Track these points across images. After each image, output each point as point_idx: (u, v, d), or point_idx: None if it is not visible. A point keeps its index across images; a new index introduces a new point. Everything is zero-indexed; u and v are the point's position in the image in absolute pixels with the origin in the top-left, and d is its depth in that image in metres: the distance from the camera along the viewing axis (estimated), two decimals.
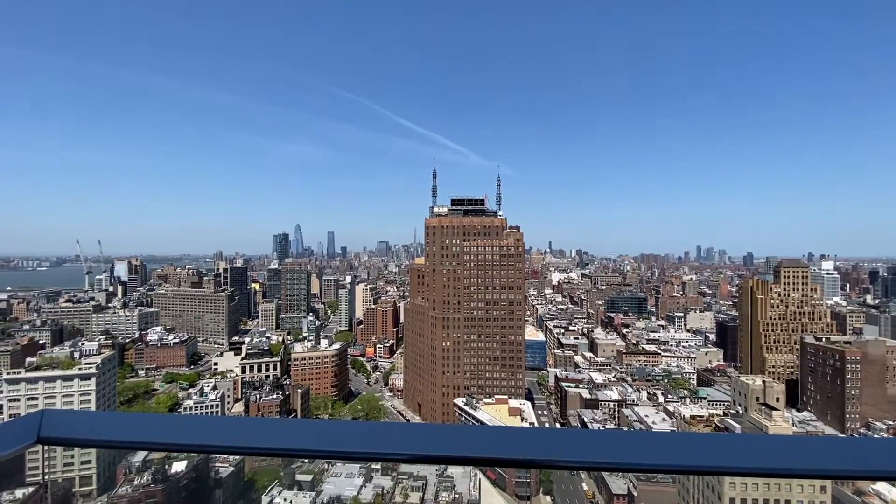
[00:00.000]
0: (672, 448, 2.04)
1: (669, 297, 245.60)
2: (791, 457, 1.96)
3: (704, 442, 2.08)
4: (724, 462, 1.96)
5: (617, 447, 2.09)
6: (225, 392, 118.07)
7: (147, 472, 24.72)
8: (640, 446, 2.10)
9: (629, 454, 2.01)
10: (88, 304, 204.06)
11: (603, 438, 2.13)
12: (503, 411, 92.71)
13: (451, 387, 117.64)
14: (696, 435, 2.17)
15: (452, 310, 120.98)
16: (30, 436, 2.22)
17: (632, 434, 2.24)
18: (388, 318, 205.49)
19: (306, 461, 9.90)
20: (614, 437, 2.15)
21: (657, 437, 2.12)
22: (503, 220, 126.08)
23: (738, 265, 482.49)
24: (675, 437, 2.08)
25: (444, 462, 2.03)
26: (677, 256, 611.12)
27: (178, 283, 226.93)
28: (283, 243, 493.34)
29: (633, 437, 2.19)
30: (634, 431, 2.40)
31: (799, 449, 2.03)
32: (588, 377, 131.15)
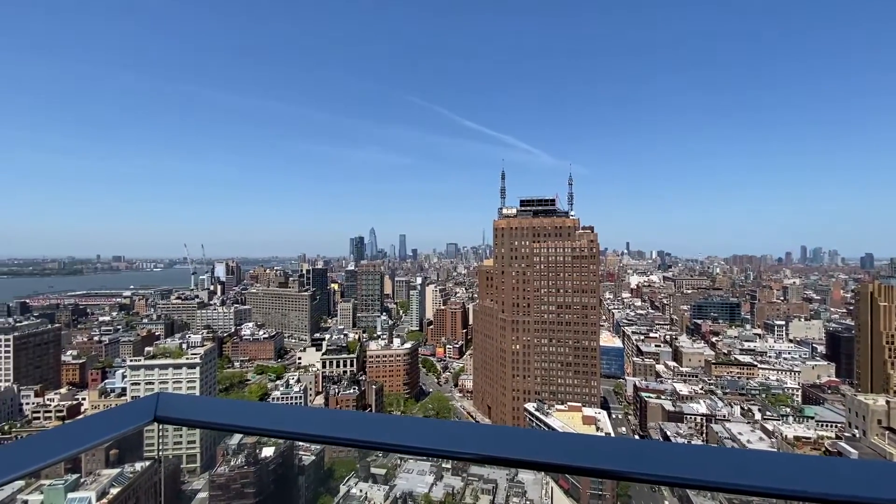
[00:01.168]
0: (774, 469, 1.77)
1: (767, 302, 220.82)
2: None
3: (814, 466, 1.78)
4: (839, 489, 1.63)
5: (707, 463, 1.85)
6: (307, 385, 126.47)
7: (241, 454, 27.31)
8: (735, 464, 1.86)
9: (722, 472, 1.78)
10: (194, 301, 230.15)
11: (690, 453, 1.94)
12: (576, 419, 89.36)
13: (522, 391, 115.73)
14: (803, 457, 1.88)
15: (522, 312, 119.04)
16: (148, 414, 2.51)
17: (725, 451, 1.99)
18: (458, 319, 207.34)
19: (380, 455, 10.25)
20: (704, 453, 1.94)
21: (756, 456, 1.86)
22: (576, 220, 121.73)
23: (854, 267, 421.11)
24: (778, 458, 1.81)
25: (515, 465, 1.95)
26: (777, 258, 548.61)
27: (268, 283, 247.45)
28: (359, 246, 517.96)
29: (726, 455, 1.98)
30: (728, 448, 2.14)
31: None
32: (671, 388, 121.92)
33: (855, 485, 1.66)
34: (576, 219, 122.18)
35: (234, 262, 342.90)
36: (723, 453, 1.98)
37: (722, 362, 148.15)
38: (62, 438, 2.22)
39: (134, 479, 9.54)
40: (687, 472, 1.81)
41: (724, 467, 1.84)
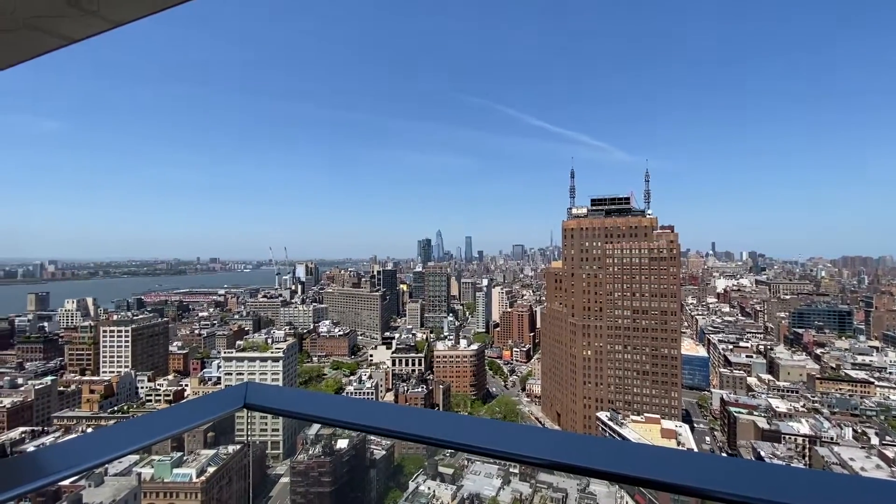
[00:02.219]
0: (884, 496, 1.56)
1: (887, 311, 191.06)
2: None
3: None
4: None
5: (804, 486, 1.64)
6: (379, 381, 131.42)
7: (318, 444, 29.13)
8: (842, 491, 1.65)
9: (829, 498, 1.58)
10: (277, 299, 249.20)
11: (791, 476, 1.74)
12: (654, 432, 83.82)
13: (593, 399, 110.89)
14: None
15: (594, 317, 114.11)
16: (238, 401, 2.76)
17: (830, 476, 1.75)
18: (525, 322, 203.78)
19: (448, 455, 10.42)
20: (810, 478, 1.74)
21: (871, 484, 1.63)
22: (653, 219, 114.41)
23: None
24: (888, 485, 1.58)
25: (587, 474, 1.84)
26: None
27: (342, 283, 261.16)
28: (426, 248, 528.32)
29: (831, 480, 1.73)
30: (825, 472, 1.88)
31: None
32: (766, 403, 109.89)
33: None
34: (653, 218, 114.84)
35: (312, 264, 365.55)
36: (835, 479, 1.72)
37: (829, 377, 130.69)
38: (169, 419, 2.52)
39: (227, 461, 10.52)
40: (790, 497, 1.58)
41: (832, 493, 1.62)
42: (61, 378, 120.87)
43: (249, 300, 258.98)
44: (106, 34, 2.12)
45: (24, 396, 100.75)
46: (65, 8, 1.88)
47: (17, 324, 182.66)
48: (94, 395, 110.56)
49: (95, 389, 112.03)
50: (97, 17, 1.96)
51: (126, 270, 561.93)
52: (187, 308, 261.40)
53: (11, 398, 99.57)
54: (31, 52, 2.26)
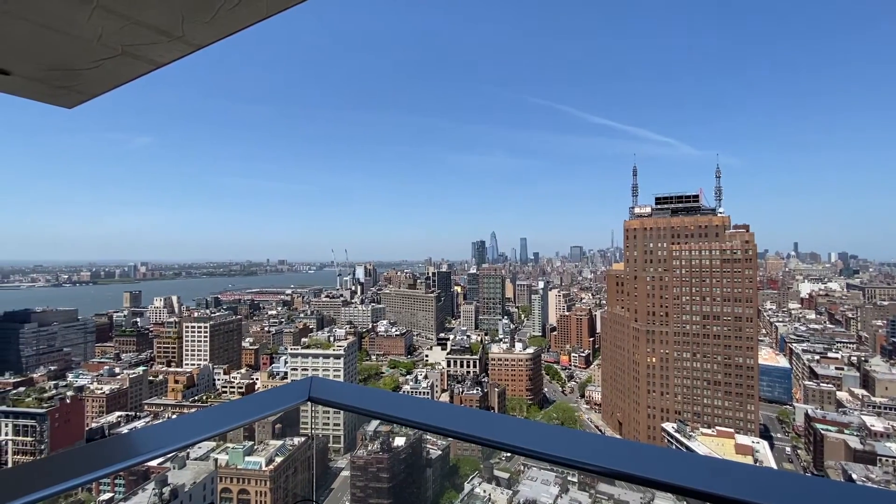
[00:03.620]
0: None
1: None
2: None
3: None
4: None
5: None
6: (434, 382, 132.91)
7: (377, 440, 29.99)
8: None
9: None
10: (339, 299, 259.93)
11: (870, 496, 1.60)
12: (728, 447, 77.73)
13: (658, 409, 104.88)
14: None
15: (659, 322, 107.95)
16: (303, 394, 2.92)
17: None
18: (584, 326, 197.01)
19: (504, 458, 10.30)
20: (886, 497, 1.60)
21: None
22: (725, 218, 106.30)
23: None
24: None
25: (652, 486, 1.69)
26: None
27: (399, 284, 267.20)
28: (480, 249, 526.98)
29: None
30: None
31: None
32: (859, 421, 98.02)
33: None
34: (725, 216, 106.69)
35: (371, 265, 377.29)
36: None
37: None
38: (241, 409, 2.69)
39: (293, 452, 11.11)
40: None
41: None
42: (151, 369, 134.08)
43: (313, 300, 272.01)
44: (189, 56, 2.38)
45: (120, 384, 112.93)
46: (155, 35, 2.15)
47: (114, 319, 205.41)
48: (178, 385, 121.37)
49: (179, 380, 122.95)
50: (182, 42, 2.21)
51: (205, 271, 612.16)
52: (258, 306, 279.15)
53: (110, 385, 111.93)
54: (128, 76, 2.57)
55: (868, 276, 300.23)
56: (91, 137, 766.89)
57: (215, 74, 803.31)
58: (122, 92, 2.78)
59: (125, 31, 2.08)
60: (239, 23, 2.07)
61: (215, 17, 1.99)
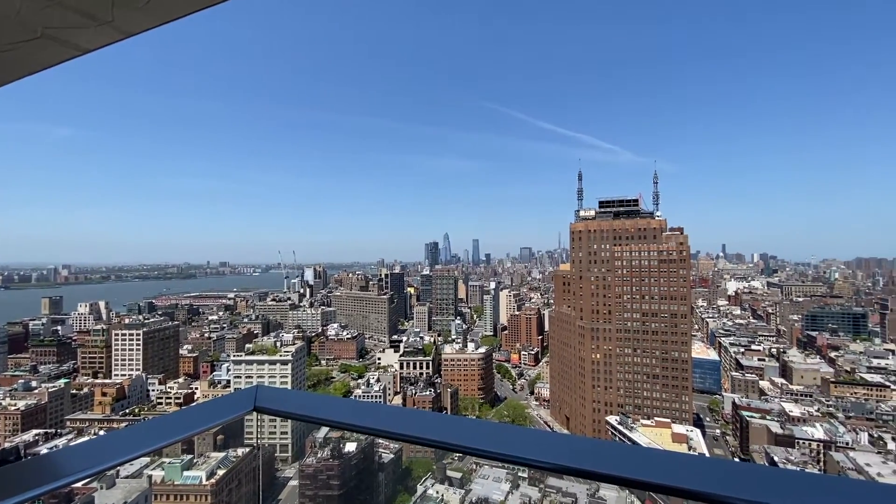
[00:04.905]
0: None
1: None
2: None
3: None
4: None
5: (831, 495, 1.63)
6: (386, 385, 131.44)
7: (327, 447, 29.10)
8: (855, 496, 1.62)
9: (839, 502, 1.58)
10: (286, 302, 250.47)
11: (809, 482, 1.72)
12: (665, 436, 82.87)
13: (603, 403, 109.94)
14: None
15: (602, 320, 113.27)
16: (248, 404, 2.77)
17: (846, 481, 1.72)
18: (533, 325, 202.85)
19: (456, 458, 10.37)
20: (821, 482, 1.71)
21: (880, 488, 1.63)
22: (662, 221, 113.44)
23: None
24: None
25: (596, 479, 1.83)
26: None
27: (350, 286, 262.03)
28: (434, 251, 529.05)
29: (848, 485, 1.69)
30: (844, 478, 1.85)
31: None
32: (779, 408, 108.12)
33: None
34: (662, 220, 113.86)
35: (321, 267, 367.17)
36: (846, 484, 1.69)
37: (844, 381, 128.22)
38: (179, 422, 2.52)
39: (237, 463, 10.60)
40: (797, 500, 1.58)
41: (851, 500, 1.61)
42: (74, 381, 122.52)
43: (258, 303, 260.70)
44: (121, 43, 2.20)
45: (37, 399, 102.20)
46: (82, 19, 1.93)
47: (31, 327, 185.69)
48: (106, 398, 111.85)
49: (107, 392, 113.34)
50: (111, 28, 2.01)
51: (137, 274, 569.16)
52: (197, 311, 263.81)
53: (26, 401, 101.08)
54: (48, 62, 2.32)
55: (785, 274, 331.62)
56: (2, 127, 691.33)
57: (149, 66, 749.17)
58: (41, 78, 2.44)
59: (47, 11, 1.87)
60: (175, 11, 1.91)
61: (149, 3, 1.83)
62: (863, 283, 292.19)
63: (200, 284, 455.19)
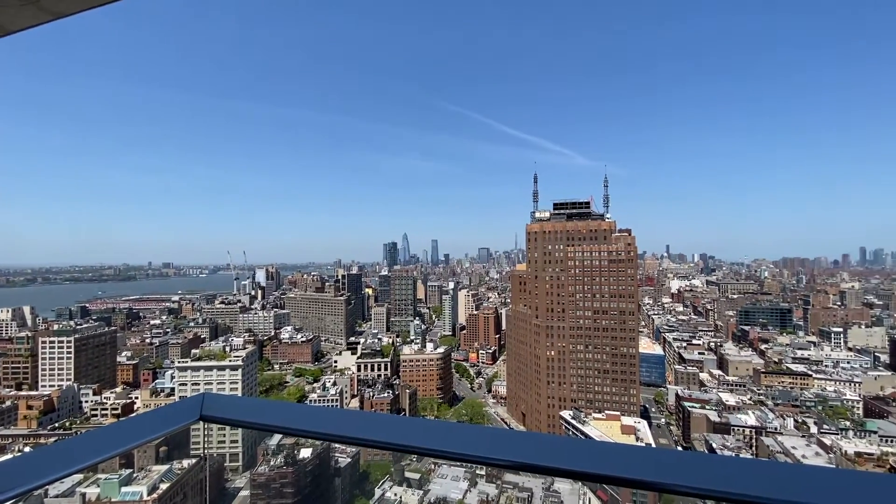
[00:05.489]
0: (831, 485, 1.68)
1: (822, 308, 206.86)
2: None
3: (875, 483, 1.67)
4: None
5: (758, 478, 1.75)
6: (343, 388, 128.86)
7: (280, 454, 28.12)
8: (788, 480, 1.74)
9: (775, 488, 1.68)
10: (236, 305, 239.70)
11: (740, 467, 1.85)
12: (615, 428, 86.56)
13: (557, 398, 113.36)
14: (864, 474, 1.75)
15: (557, 318, 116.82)
16: (194, 413, 2.62)
17: (778, 465, 1.86)
18: (490, 324, 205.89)
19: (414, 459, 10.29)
20: (754, 467, 1.84)
21: (810, 472, 1.77)
22: (612, 223, 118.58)
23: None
24: (835, 474, 1.72)
25: (551, 473, 1.94)
26: (832, 260, 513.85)
27: (305, 288, 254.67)
28: (392, 251, 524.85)
29: (778, 469, 1.84)
30: (782, 463, 1.97)
31: None
32: (717, 398, 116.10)
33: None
34: (612, 221, 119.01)
35: (273, 268, 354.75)
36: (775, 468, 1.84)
37: (772, 371, 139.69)
38: (117, 435, 2.34)
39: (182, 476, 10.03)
40: (737, 487, 1.71)
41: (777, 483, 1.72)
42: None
43: (206, 306, 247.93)
44: (51, 26, 1.97)
45: None
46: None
47: None
48: (31, 412, 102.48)
49: (33, 405, 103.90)
50: (36, 8, 1.80)
51: (68, 276, 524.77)
52: (137, 316, 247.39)
53: None
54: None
55: (722, 273, 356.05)
56: None
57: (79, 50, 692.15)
58: None
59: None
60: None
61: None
62: (788, 281, 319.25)
63: (141, 287, 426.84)
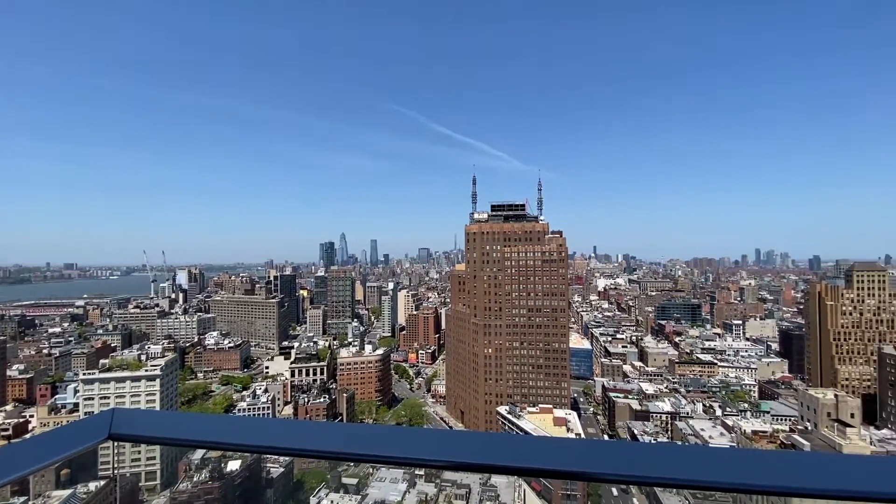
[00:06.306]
0: (733, 464, 1.89)
1: (726, 303, 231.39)
2: (867, 479, 1.75)
3: (769, 459, 1.90)
4: (792, 482, 1.74)
5: (672, 462, 1.94)
6: (275, 395, 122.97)
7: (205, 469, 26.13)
8: (697, 461, 1.93)
9: (685, 469, 1.87)
10: (154, 310, 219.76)
11: (657, 452, 2.02)
12: (548, 421, 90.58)
13: (494, 394, 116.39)
14: (760, 452, 2.00)
15: (494, 316, 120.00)
16: (102, 432, 2.36)
17: (688, 448, 2.07)
18: (430, 324, 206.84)
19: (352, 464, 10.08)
20: (669, 451, 2.02)
21: (717, 453, 1.98)
22: (545, 224, 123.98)
23: (804, 269, 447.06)
24: (736, 454, 1.94)
25: (488, 471, 1.97)
26: (734, 260, 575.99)
27: (233, 290, 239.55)
28: (329, 251, 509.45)
29: (689, 452, 2.02)
30: (691, 446, 2.19)
31: (876, 470, 1.79)
32: (638, 387, 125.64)
33: (805, 477, 1.76)
34: (545, 223, 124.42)
35: (196, 269, 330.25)
36: (686, 451, 2.02)
37: (684, 361, 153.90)
38: (7, 460, 2.03)
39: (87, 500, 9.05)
40: (653, 472, 1.88)
41: (688, 465, 1.90)
42: None
43: (117, 312, 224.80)
44: None
45: None
46: None
47: None
48: None
49: None
50: None
51: None
52: (32, 323, 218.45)
53: None
54: None
55: (642, 272, 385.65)
56: None
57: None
58: None
59: None
60: None
61: None
62: (698, 279, 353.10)
63: (37, 290, 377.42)
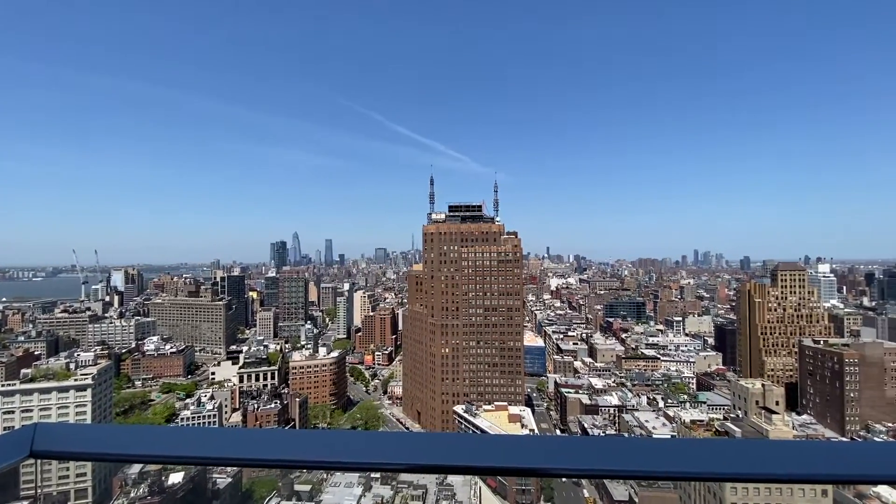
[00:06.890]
0: (673, 454, 2.01)
1: (668, 301, 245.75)
2: (792, 462, 1.93)
3: (705, 447, 2.07)
4: (726, 468, 1.91)
5: (618, 454, 2.04)
6: (222, 402, 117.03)
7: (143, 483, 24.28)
8: (641, 453, 2.06)
9: (630, 461, 1.98)
10: (84, 314, 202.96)
11: (604, 445, 2.12)
12: (503, 418, 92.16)
13: (451, 394, 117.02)
14: (696, 441, 2.15)
15: (451, 316, 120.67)
16: (22, 450, 2.15)
17: (632, 441, 2.23)
18: (387, 325, 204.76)
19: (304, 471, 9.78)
20: (615, 444, 2.13)
21: (658, 444, 2.09)
22: (501, 226, 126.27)
23: (736, 269, 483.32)
24: (675, 444, 2.04)
25: (444, 471, 2.00)
26: (675, 261, 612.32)
27: (175, 292, 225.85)
28: (281, 251, 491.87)
29: (633, 444, 2.17)
30: (635, 438, 2.35)
31: (800, 454, 1.99)
32: (588, 383, 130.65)
33: (733, 463, 1.93)
34: (501, 224, 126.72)
35: (134, 270, 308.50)
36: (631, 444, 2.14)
37: (630, 357, 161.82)
38: None
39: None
40: (601, 464, 1.98)
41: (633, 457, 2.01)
42: None
43: (42, 316, 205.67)
44: None
45: None
46: None
47: None
48: None
49: None
50: None
51: None
52: None
53: None
54: None
55: (592, 272, 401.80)
56: None
57: None
58: None
59: None
60: None
61: None
62: (643, 279, 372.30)
63: None
